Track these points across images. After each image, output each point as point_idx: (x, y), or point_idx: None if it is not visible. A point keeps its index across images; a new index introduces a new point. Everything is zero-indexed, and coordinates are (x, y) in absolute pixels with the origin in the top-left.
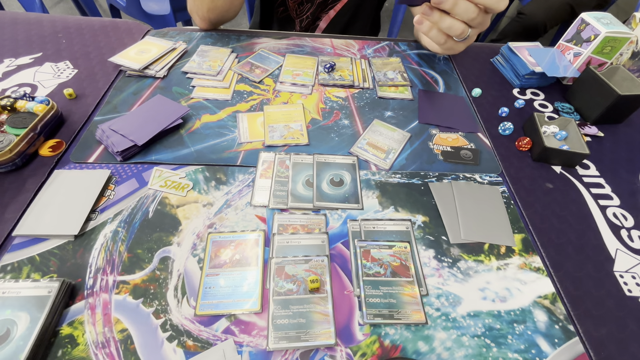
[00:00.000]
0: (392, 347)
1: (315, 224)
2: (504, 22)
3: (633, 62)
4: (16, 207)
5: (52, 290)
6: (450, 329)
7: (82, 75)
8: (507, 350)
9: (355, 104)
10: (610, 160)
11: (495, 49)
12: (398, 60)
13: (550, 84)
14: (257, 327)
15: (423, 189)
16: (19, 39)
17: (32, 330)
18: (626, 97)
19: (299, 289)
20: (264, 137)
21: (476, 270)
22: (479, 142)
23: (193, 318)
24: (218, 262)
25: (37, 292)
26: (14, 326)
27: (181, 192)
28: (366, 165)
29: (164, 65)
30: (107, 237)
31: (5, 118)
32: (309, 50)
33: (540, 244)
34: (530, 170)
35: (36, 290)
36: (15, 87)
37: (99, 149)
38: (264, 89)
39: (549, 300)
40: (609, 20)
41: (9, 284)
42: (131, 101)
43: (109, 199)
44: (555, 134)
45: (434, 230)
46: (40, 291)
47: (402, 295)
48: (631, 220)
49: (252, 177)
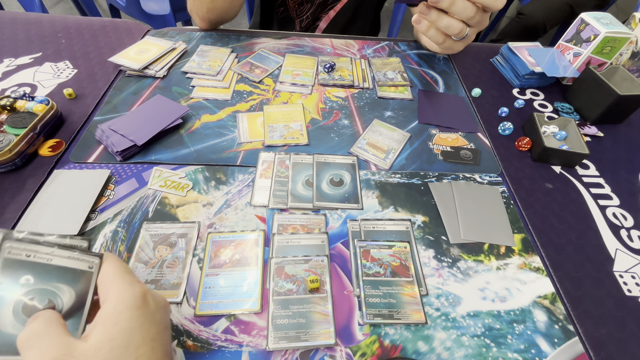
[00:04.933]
0: (392, 347)
1: (315, 224)
2: (503, 22)
3: (633, 62)
4: (16, 207)
5: (93, 266)
6: (450, 329)
7: (82, 75)
8: (506, 350)
9: (355, 104)
10: (610, 160)
11: (495, 49)
12: (398, 60)
13: (550, 84)
14: (257, 327)
15: (423, 189)
16: (18, 38)
17: (81, 307)
18: (626, 97)
19: (298, 289)
20: (263, 137)
21: (476, 270)
22: (479, 142)
23: (193, 318)
24: (218, 262)
25: (74, 264)
26: (57, 298)
27: (181, 192)
28: (366, 165)
29: (164, 65)
30: (107, 237)
31: (5, 118)
32: (309, 50)
33: (540, 244)
34: (530, 170)
35: (72, 262)
36: (15, 87)
37: (98, 149)
38: (264, 89)
39: (549, 300)
40: (608, 20)
41: (34, 246)
42: (131, 101)
43: (109, 198)
44: (555, 134)
45: (433, 230)
46: (77, 264)
47: (401, 295)
48: (631, 220)
49: (252, 177)
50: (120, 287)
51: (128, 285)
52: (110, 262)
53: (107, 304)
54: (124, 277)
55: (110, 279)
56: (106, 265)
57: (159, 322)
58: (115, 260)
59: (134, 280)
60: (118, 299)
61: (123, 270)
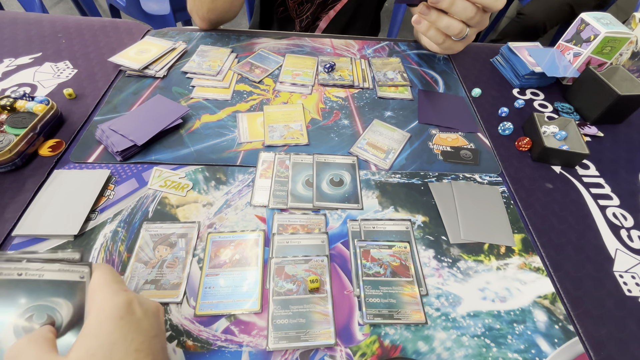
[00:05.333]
0: (392, 347)
1: (315, 224)
2: (503, 22)
3: (633, 62)
4: (16, 207)
5: (84, 276)
6: (450, 329)
7: (82, 75)
8: (507, 350)
9: (355, 104)
10: (610, 160)
11: (495, 49)
12: (398, 60)
13: (550, 84)
14: (257, 327)
15: (423, 189)
16: (18, 39)
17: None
18: (626, 97)
19: (298, 289)
20: (263, 137)
21: (476, 270)
22: (479, 142)
23: (193, 318)
24: (218, 262)
25: (66, 276)
26: (56, 313)
27: (181, 192)
28: (366, 165)
29: (164, 65)
30: (107, 237)
31: (5, 118)
32: (309, 50)
33: (540, 244)
34: (530, 170)
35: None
36: (15, 87)
37: (98, 149)
38: (264, 89)
39: (549, 300)
40: (608, 20)
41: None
42: (131, 101)
43: (109, 198)
44: (555, 134)
45: (433, 230)
46: (68, 275)
47: (401, 295)
48: (631, 220)
49: (252, 177)
50: (103, 296)
51: (112, 294)
52: (98, 272)
53: (90, 315)
54: (110, 286)
55: (95, 289)
56: (95, 275)
57: (146, 330)
58: (104, 269)
59: (119, 289)
60: (99, 309)
61: (110, 279)
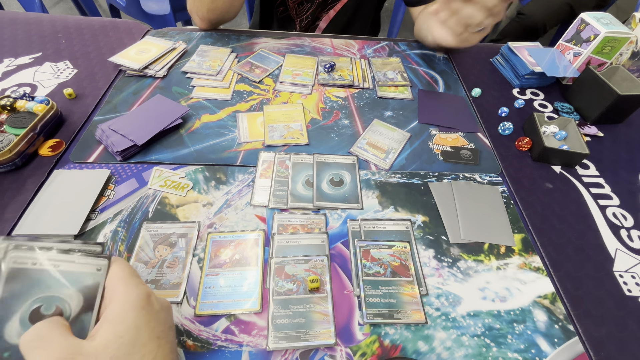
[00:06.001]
0: (392, 347)
1: (315, 224)
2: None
3: (633, 62)
4: (16, 207)
5: (101, 268)
6: (450, 329)
7: (82, 75)
8: (507, 350)
9: (355, 104)
10: (610, 160)
11: (495, 49)
12: (398, 60)
13: (550, 84)
14: (257, 327)
15: (423, 188)
16: (18, 38)
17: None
18: (626, 97)
19: (298, 289)
20: (263, 137)
21: (476, 270)
22: (479, 142)
23: (193, 318)
24: (218, 262)
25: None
26: (65, 304)
27: (181, 192)
28: (366, 165)
29: (164, 65)
30: (107, 237)
31: (5, 118)
32: (309, 50)
33: (540, 244)
34: (530, 170)
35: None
36: (15, 87)
37: (98, 149)
38: (264, 88)
39: (549, 300)
40: (608, 20)
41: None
42: (131, 101)
43: (109, 198)
44: (555, 133)
45: (433, 230)
46: (85, 267)
47: (402, 295)
48: (631, 220)
49: (252, 177)
50: (125, 287)
51: (134, 286)
52: (118, 265)
53: (113, 304)
54: (131, 279)
55: (117, 281)
56: (114, 268)
57: (163, 321)
58: (123, 263)
59: (139, 282)
60: (124, 299)
61: (130, 272)
